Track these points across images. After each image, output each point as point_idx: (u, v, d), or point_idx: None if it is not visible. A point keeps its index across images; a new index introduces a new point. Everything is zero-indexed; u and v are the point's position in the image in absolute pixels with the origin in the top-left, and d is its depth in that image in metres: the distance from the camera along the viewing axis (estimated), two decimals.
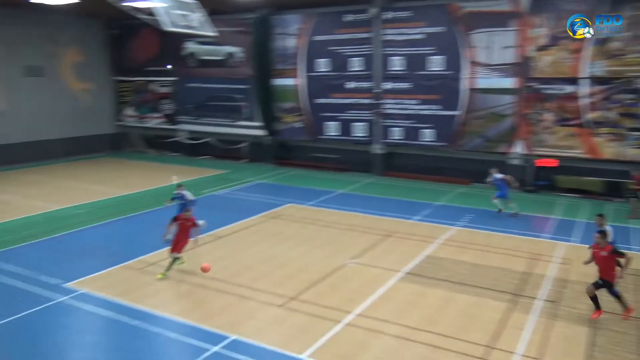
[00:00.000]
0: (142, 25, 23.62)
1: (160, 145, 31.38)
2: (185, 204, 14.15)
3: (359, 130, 24.83)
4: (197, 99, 29.49)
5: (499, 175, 17.45)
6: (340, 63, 24.77)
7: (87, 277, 11.75)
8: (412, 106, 23.32)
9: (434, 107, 22.82)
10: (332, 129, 25.47)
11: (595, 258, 9.79)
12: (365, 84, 24.33)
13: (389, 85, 23.73)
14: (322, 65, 25.26)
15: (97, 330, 9.65)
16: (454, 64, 22.03)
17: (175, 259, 11.79)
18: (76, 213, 17.47)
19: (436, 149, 23.13)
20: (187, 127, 30.20)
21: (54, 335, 9.22)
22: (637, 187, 17.51)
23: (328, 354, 8.56)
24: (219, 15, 25.46)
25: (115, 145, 32.19)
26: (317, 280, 11.68)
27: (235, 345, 8.82)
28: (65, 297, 10.67)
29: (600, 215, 11.26)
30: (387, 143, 24.29)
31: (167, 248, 12.03)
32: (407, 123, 23.54)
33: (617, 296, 9.55)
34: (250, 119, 27.87)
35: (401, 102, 23.58)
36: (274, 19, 26.12)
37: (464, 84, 21.92)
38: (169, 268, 11.75)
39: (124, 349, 8.79)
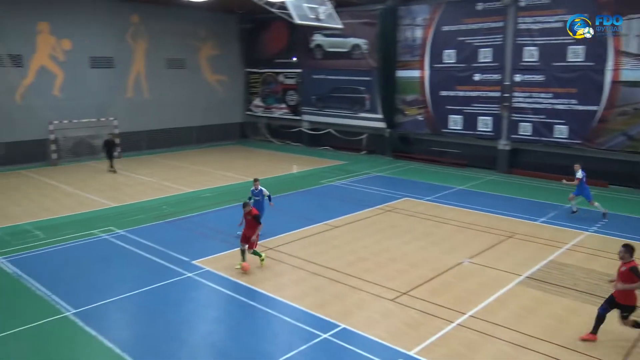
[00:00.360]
0: (273, 18, 24.71)
1: (284, 135, 32.61)
2: (261, 201, 13.78)
3: (484, 124, 23.72)
4: (321, 90, 30.14)
5: (581, 173, 15.85)
6: (467, 54, 23.82)
7: (211, 256, 12.62)
8: (545, 100, 21.76)
9: (569, 101, 21.09)
10: (455, 122, 24.63)
11: (617, 273, 8.63)
12: (493, 76, 23.14)
13: (519, 78, 22.37)
14: (449, 56, 24.46)
15: (218, 306, 10.33)
16: (596, 55, 20.12)
17: (243, 251, 11.73)
18: (204, 196, 18.79)
19: (569, 147, 21.37)
20: (309, 118, 31.03)
21: (182, 306, 10.02)
22: None
23: (437, 353, 8.35)
24: (345, 8, 25.82)
25: (243, 134, 34.09)
26: (431, 277, 11.43)
27: (345, 335, 8.94)
28: (192, 274, 11.55)
29: None
30: (514, 139, 22.96)
31: (282, 235, 12.51)
32: (537, 118, 22.02)
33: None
34: (371, 110, 27.90)
35: (532, 96, 22.10)
36: (401, 9, 25.79)
37: (608, 77, 19.96)
38: (243, 258, 11.77)
39: (241, 327, 9.30)
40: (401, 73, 26.24)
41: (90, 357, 8.47)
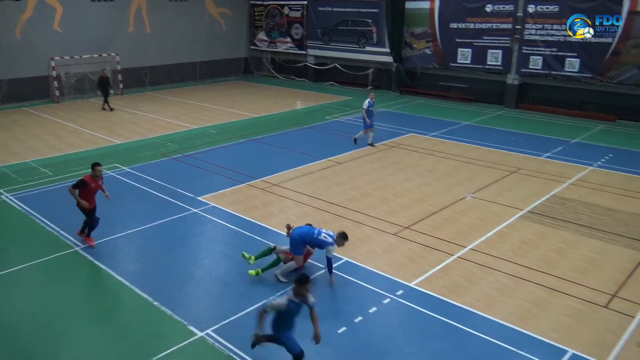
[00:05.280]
0: None
1: (288, 70, 32.02)
2: None
3: (494, 58, 23.11)
4: (327, 23, 29.23)
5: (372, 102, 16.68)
6: None
7: (217, 192, 12.75)
8: (558, 32, 21.06)
9: None
10: (464, 56, 23.98)
11: None
12: (506, 7, 22.28)
13: (532, 8, 21.54)
14: None
15: (224, 240, 10.51)
16: None
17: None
18: (208, 133, 18.75)
19: (579, 81, 20.94)
20: (314, 52, 30.33)
21: (189, 241, 10.23)
22: None
23: (436, 284, 8.58)
24: None
25: (247, 69, 33.46)
26: (433, 212, 11.55)
27: (347, 267, 9.16)
28: (197, 209, 11.71)
29: None
30: (523, 73, 22.45)
31: (286, 171, 12.47)
32: (549, 51, 21.41)
33: None
34: (378, 44, 27.20)
35: (545, 27, 21.36)
36: None
37: (625, 6, 19.16)
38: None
39: (246, 261, 9.45)
40: (410, 4, 25.30)
41: (101, 289, 8.77)
